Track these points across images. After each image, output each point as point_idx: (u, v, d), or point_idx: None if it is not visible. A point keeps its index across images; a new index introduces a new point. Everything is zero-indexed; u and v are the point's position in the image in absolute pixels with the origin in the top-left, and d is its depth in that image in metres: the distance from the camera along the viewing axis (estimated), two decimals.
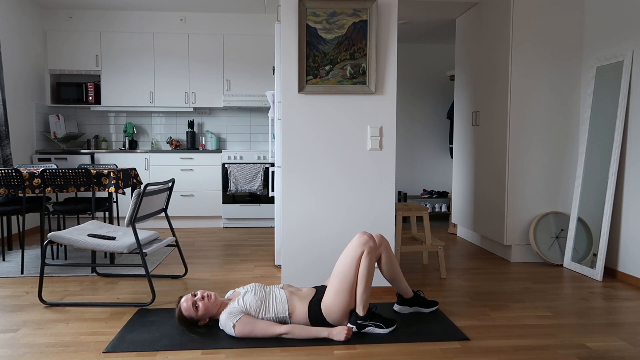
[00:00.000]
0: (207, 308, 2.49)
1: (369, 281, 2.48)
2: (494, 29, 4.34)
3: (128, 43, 5.96)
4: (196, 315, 2.49)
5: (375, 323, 2.51)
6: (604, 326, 2.65)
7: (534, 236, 4.06)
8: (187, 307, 2.48)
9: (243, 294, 2.54)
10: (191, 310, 2.48)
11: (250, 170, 5.79)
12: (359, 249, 2.47)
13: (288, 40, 3.09)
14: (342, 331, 2.41)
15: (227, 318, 2.44)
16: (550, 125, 4.10)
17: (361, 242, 2.48)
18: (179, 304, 2.52)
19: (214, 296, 2.53)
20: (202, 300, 2.49)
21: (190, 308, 2.48)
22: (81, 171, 3.77)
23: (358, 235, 2.52)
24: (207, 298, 2.51)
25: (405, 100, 6.68)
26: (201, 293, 2.53)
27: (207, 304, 2.49)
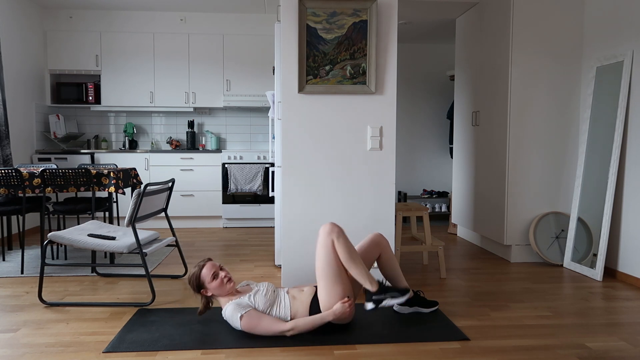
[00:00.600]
0: (221, 288, 2.52)
1: (356, 258, 2.48)
2: (494, 29, 4.34)
3: (128, 43, 5.96)
4: (208, 285, 2.52)
5: (391, 294, 2.53)
6: (604, 326, 2.65)
7: (534, 236, 4.06)
8: (207, 274, 2.52)
9: (254, 292, 2.54)
10: (208, 278, 2.51)
11: (250, 170, 5.79)
12: (327, 240, 2.47)
13: (288, 40, 3.09)
14: (342, 306, 2.40)
15: (235, 309, 2.44)
16: (550, 125, 4.10)
17: (326, 233, 2.48)
18: (203, 265, 2.54)
19: (233, 284, 2.56)
20: (224, 279, 2.52)
21: (208, 275, 2.51)
22: (81, 171, 3.77)
23: (321, 228, 2.52)
24: (228, 282, 2.53)
25: (405, 100, 6.68)
26: (227, 274, 2.55)
27: (225, 286, 2.52)
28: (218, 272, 2.54)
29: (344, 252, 2.47)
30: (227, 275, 2.56)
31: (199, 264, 2.59)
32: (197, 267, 2.57)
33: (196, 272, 2.56)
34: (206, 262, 2.58)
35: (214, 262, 2.60)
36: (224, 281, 2.53)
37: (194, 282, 2.56)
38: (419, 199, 6.46)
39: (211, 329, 2.58)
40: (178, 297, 3.15)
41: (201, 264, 2.58)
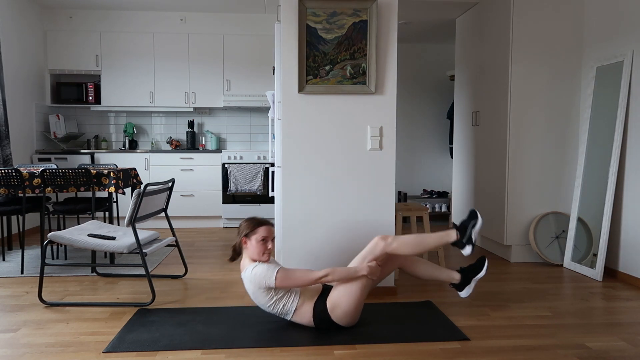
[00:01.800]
0: (257, 252, 2.52)
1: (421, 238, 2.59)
2: (494, 29, 4.34)
3: (128, 43, 5.96)
4: (254, 241, 2.50)
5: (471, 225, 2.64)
6: (604, 326, 2.65)
7: (534, 236, 4.06)
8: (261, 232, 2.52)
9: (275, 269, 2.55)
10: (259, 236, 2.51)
11: (250, 170, 5.79)
12: (376, 249, 2.54)
13: (288, 40, 3.09)
14: (371, 268, 2.47)
15: (268, 268, 2.45)
16: (550, 125, 4.10)
17: (379, 245, 2.55)
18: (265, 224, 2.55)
19: (266, 259, 2.54)
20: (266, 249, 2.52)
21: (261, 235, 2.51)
22: (81, 171, 3.77)
23: (375, 238, 2.60)
24: (265, 254, 2.53)
25: (405, 100, 6.67)
26: (271, 249, 2.55)
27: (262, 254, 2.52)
28: (267, 241, 2.54)
29: (410, 246, 2.57)
30: (270, 250, 2.55)
31: (262, 220, 2.58)
32: (256, 221, 2.56)
33: (254, 224, 2.55)
34: (269, 225, 2.58)
35: (273, 230, 2.59)
36: (264, 250, 2.53)
37: (245, 228, 2.55)
38: (419, 199, 6.46)
39: (211, 329, 2.58)
40: (178, 297, 3.15)
41: (264, 221, 2.58)
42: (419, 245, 2.59)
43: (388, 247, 2.57)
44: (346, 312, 2.49)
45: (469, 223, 2.66)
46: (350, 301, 2.47)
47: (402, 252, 2.59)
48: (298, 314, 2.53)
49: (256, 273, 2.46)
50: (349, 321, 2.53)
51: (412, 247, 2.59)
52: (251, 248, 2.53)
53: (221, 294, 3.22)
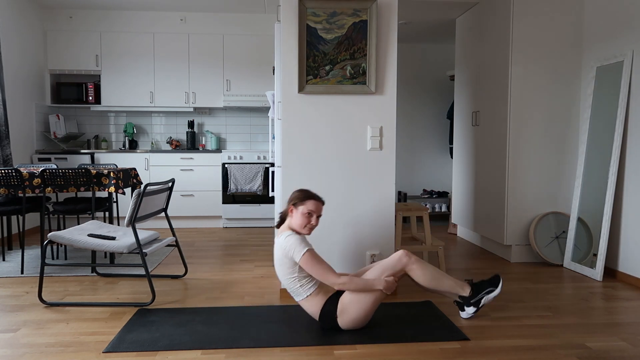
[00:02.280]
0: (300, 224, 2.54)
1: (441, 275, 2.56)
2: (494, 29, 4.34)
3: (128, 43, 5.96)
4: (301, 212, 2.52)
5: (486, 291, 2.61)
6: (604, 326, 2.65)
7: (534, 236, 4.06)
8: (310, 206, 2.53)
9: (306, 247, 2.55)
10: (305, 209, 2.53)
11: (250, 170, 5.79)
12: (401, 268, 2.52)
13: (288, 40, 3.09)
14: (388, 283, 2.45)
15: (302, 241, 2.46)
16: (550, 125, 4.10)
17: (403, 262, 2.53)
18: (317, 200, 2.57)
19: (307, 234, 2.57)
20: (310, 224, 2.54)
21: (308, 208, 2.53)
22: (81, 171, 3.77)
23: (399, 253, 2.56)
24: (307, 228, 2.55)
25: (405, 100, 6.67)
26: (315, 225, 2.57)
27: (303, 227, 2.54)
28: (313, 216, 2.55)
29: (427, 277, 2.54)
30: (313, 225, 2.56)
31: (316, 195, 2.59)
32: (309, 193, 2.58)
33: (305, 195, 2.56)
34: (320, 201, 2.59)
35: (322, 208, 2.61)
36: (307, 224, 2.55)
37: (295, 198, 2.57)
38: (419, 199, 6.46)
39: (211, 329, 2.58)
40: (178, 297, 3.15)
41: (317, 196, 2.59)
42: (434, 281, 2.57)
43: (407, 266, 2.54)
44: (354, 320, 2.49)
45: (487, 287, 2.63)
46: (361, 311, 2.47)
47: (416, 277, 2.57)
48: (308, 301, 2.53)
49: (289, 241, 2.47)
50: (353, 328, 2.53)
51: (427, 279, 2.56)
52: (295, 218, 2.55)
53: (221, 294, 3.22)
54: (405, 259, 2.54)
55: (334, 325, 2.52)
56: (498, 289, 2.63)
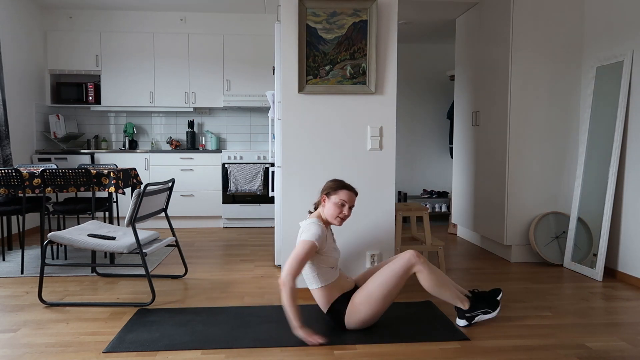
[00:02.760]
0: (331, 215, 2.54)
1: (444, 284, 2.52)
2: (494, 29, 4.34)
3: (128, 43, 5.96)
4: (333, 201, 2.53)
5: (483, 310, 2.58)
6: (604, 326, 2.65)
7: (534, 236, 4.06)
8: (342, 196, 2.54)
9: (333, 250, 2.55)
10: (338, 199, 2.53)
11: (250, 170, 5.79)
12: (409, 268, 2.48)
13: (288, 40, 3.09)
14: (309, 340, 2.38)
15: (316, 231, 2.45)
16: (550, 125, 4.10)
17: (412, 262, 2.48)
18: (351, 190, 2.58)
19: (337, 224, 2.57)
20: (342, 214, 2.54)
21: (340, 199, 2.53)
22: (81, 171, 3.77)
23: (408, 253, 2.50)
24: (339, 219, 2.55)
25: (405, 100, 6.67)
26: (347, 216, 2.56)
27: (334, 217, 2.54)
28: (345, 206, 2.55)
29: (432, 283, 2.49)
30: (346, 216, 2.56)
31: (349, 185, 2.59)
32: (342, 184, 2.57)
33: (339, 185, 2.56)
34: (352, 191, 2.59)
35: (354, 198, 2.60)
36: (339, 213, 2.54)
37: (328, 187, 2.57)
38: (419, 199, 6.46)
39: (211, 329, 2.58)
40: (178, 297, 3.15)
41: (350, 187, 2.59)
42: (437, 288, 2.51)
43: (416, 267, 2.49)
44: (362, 320, 2.49)
45: (484, 307, 2.59)
46: (370, 311, 2.47)
47: (421, 280, 2.51)
48: (320, 292, 2.52)
49: (307, 225, 2.49)
50: (361, 328, 2.54)
51: (432, 285, 2.51)
52: (328, 207, 2.55)
53: (221, 294, 3.22)
54: (414, 260, 2.50)
55: (339, 323, 2.52)
56: (494, 313, 2.60)
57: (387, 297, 2.48)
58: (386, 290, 2.46)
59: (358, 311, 2.47)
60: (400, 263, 2.50)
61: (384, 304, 2.49)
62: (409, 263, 2.49)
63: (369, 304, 2.46)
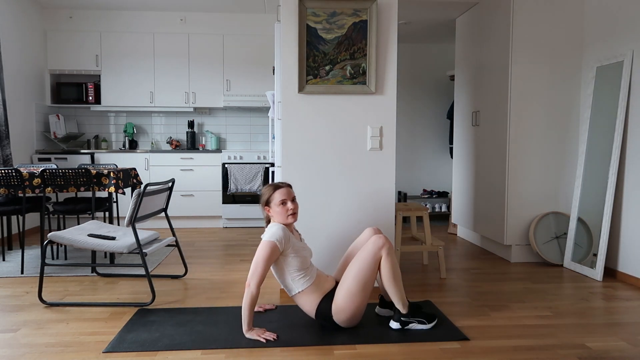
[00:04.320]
0: (281, 216, 2.52)
1: (398, 279, 2.49)
2: (494, 29, 4.34)
3: (128, 43, 5.96)
4: (273, 207, 2.52)
5: (418, 319, 2.55)
6: (604, 326, 2.65)
7: (534, 236, 4.06)
8: (277, 197, 2.52)
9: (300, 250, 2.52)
10: (277, 201, 2.51)
11: (250, 170, 5.79)
12: (378, 252, 2.46)
13: (288, 40, 3.09)
14: (255, 334, 2.41)
15: (276, 234, 2.43)
16: (550, 125, 4.10)
17: (379, 245, 2.46)
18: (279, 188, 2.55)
19: (293, 220, 2.55)
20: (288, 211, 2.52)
21: (278, 199, 2.51)
22: (81, 171, 3.77)
23: (374, 238, 2.48)
24: (291, 216, 2.53)
25: (405, 100, 6.67)
26: (294, 209, 2.55)
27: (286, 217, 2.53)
28: (287, 202, 2.54)
29: (390, 271, 2.47)
30: (294, 210, 2.54)
31: (278, 184, 2.58)
32: (272, 187, 2.56)
33: (270, 191, 2.56)
34: (284, 187, 2.57)
35: (291, 191, 2.58)
36: (287, 212, 2.53)
37: (263, 199, 2.57)
38: (419, 199, 6.46)
39: (211, 329, 2.58)
40: (178, 297, 3.15)
41: (279, 184, 2.57)
42: (389, 282, 2.47)
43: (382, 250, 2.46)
44: (350, 317, 2.49)
45: (421, 318, 2.55)
46: (354, 306, 2.46)
47: (382, 267, 2.48)
48: (302, 297, 2.52)
49: (270, 227, 2.49)
50: (352, 323, 2.54)
51: (387, 277, 2.47)
52: (275, 214, 2.55)
53: (221, 294, 3.22)
54: (381, 243, 2.45)
55: (331, 323, 2.52)
56: (429, 325, 2.56)
57: (366, 287, 2.46)
58: (363, 281, 2.44)
59: (343, 309, 2.46)
60: (369, 248, 2.47)
61: (365, 294, 2.47)
62: (376, 246, 2.46)
63: (351, 300, 2.45)
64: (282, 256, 2.49)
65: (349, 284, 2.46)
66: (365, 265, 2.46)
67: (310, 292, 2.52)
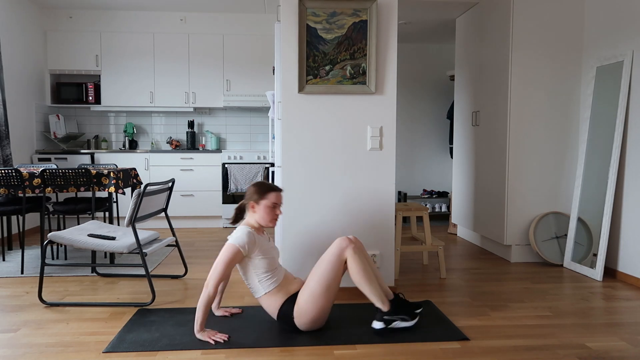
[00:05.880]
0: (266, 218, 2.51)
1: (370, 277, 2.45)
2: (494, 29, 4.34)
3: (128, 43, 5.96)
4: (264, 204, 2.50)
5: (401, 317, 2.51)
6: (604, 326, 2.65)
7: (534, 236, 4.06)
8: (273, 198, 2.51)
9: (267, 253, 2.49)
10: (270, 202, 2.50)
11: (250, 170, 5.79)
12: (341, 253, 2.43)
13: (288, 40, 3.09)
14: (206, 335, 2.40)
15: (241, 238, 2.42)
16: (550, 125, 4.10)
17: (342, 246, 2.44)
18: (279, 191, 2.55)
19: (272, 226, 2.56)
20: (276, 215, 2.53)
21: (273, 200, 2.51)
22: (81, 171, 3.77)
23: (338, 239, 2.47)
24: (273, 220, 2.53)
25: (405, 100, 6.67)
26: (276, 219, 2.54)
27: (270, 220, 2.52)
28: (277, 207, 2.53)
29: (357, 271, 2.43)
30: (278, 216, 2.54)
31: (276, 186, 2.57)
32: (269, 186, 2.54)
33: (267, 189, 2.53)
34: (279, 191, 2.56)
35: (281, 196, 2.58)
36: (274, 216, 2.52)
37: (259, 191, 2.51)
38: (419, 199, 6.46)
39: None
40: (178, 297, 3.15)
41: (276, 187, 2.57)
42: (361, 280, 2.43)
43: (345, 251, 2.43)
44: (312, 319, 2.44)
45: (404, 315, 2.51)
46: (317, 308, 2.42)
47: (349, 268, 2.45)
48: (266, 299, 2.49)
49: (238, 230, 2.46)
50: (314, 326, 2.49)
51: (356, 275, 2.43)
52: (259, 213, 2.51)
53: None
54: (344, 244, 2.43)
55: (291, 326, 2.48)
56: (412, 322, 2.53)
57: (330, 290, 2.42)
58: (326, 283, 2.41)
59: (305, 311, 2.42)
60: (332, 250, 2.45)
61: (328, 297, 2.42)
62: (339, 248, 2.43)
63: (314, 302, 2.41)
64: (249, 258, 2.46)
65: (311, 286, 2.42)
66: (329, 267, 2.42)
67: (274, 293, 2.49)
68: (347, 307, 2.94)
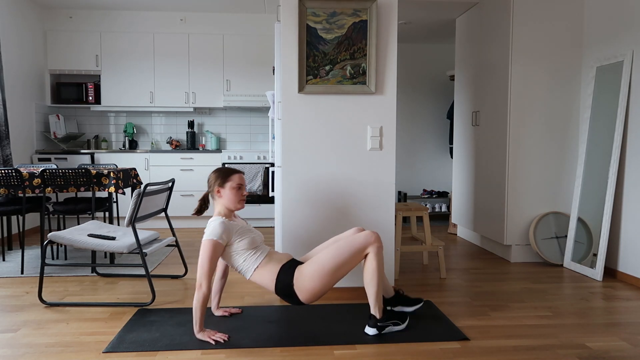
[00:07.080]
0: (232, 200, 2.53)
1: (380, 282, 2.46)
2: (494, 29, 4.34)
3: (128, 43, 5.96)
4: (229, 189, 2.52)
5: (393, 322, 2.53)
6: (604, 326, 2.65)
7: (534, 236, 4.06)
8: (236, 180, 2.53)
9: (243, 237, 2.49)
10: (234, 184, 2.52)
11: (250, 170, 5.79)
12: (366, 246, 2.43)
13: (288, 40, 3.09)
14: (206, 335, 2.40)
15: (216, 229, 2.42)
16: (550, 125, 4.10)
17: (370, 240, 2.44)
18: (239, 173, 2.56)
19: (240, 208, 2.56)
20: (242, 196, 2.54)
21: (236, 182, 2.52)
22: (81, 171, 3.77)
23: (368, 232, 2.45)
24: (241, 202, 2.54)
25: (405, 100, 6.67)
26: (244, 200, 2.56)
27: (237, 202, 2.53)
28: (242, 188, 2.55)
29: (372, 271, 2.43)
30: (245, 196, 2.54)
31: (234, 169, 2.59)
32: (229, 170, 2.56)
33: (228, 173, 2.55)
34: (241, 173, 2.59)
35: (244, 177, 2.60)
36: (241, 197, 2.54)
37: (222, 175, 2.54)
38: (419, 199, 6.46)
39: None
40: (178, 297, 3.15)
41: (237, 170, 2.59)
42: (370, 282, 2.44)
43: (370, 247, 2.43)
44: (311, 291, 2.43)
45: (395, 319, 2.53)
46: (319, 284, 2.41)
47: (366, 265, 2.45)
48: (259, 273, 2.49)
49: (212, 224, 2.45)
50: (309, 299, 2.46)
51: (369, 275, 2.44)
52: (226, 197, 2.53)
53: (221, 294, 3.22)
54: (372, 239, 2.43)
55: (290, 294, 2.46)
56: (403, 325, 2.54)
57: (339, 272, 2.41)
58: (338, 265, 2.40)
59: (309, 279, 2.40)
60: (358, 239, 2.44)
61: (335, 278, 2.41)
62: (366, 241, 2.43)
63: (320, 276, 2.40)
64: (229, 246, 2.48)
65: (323, 260, 2.41)
66: (348, 253, 2.41)
67: (264, 264, 2.49)
68: (347, 307, 2.94)
